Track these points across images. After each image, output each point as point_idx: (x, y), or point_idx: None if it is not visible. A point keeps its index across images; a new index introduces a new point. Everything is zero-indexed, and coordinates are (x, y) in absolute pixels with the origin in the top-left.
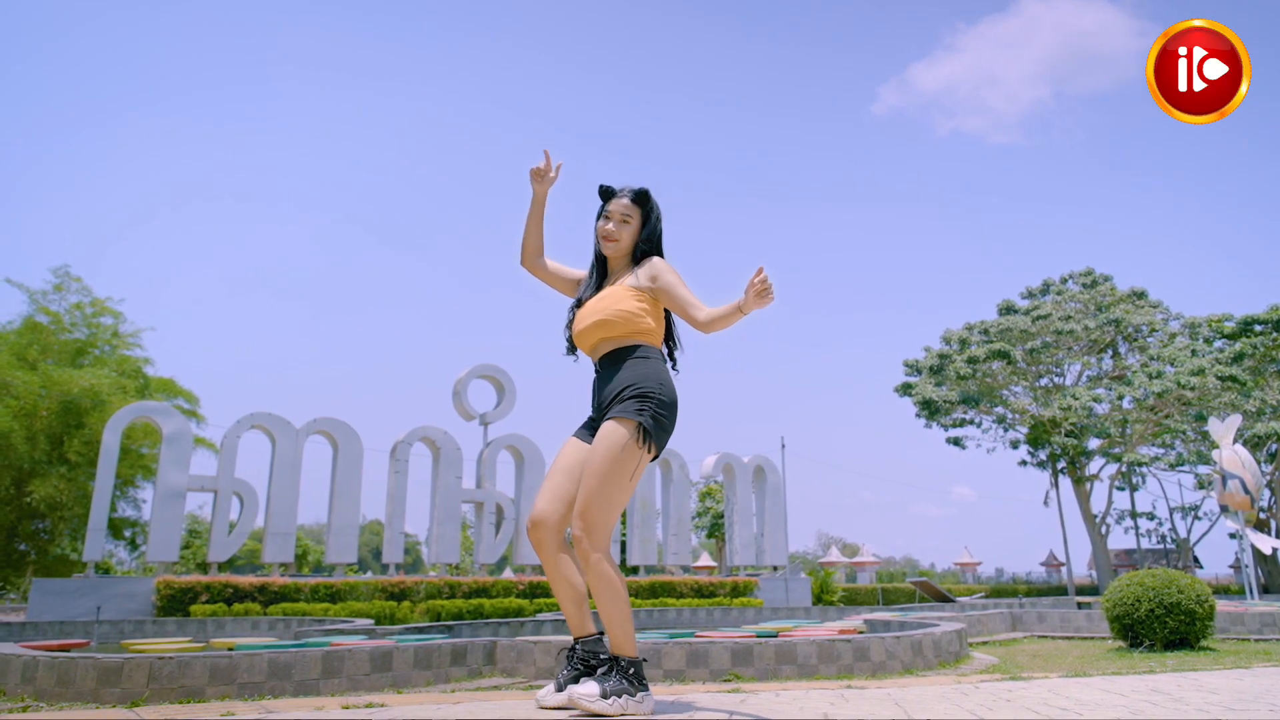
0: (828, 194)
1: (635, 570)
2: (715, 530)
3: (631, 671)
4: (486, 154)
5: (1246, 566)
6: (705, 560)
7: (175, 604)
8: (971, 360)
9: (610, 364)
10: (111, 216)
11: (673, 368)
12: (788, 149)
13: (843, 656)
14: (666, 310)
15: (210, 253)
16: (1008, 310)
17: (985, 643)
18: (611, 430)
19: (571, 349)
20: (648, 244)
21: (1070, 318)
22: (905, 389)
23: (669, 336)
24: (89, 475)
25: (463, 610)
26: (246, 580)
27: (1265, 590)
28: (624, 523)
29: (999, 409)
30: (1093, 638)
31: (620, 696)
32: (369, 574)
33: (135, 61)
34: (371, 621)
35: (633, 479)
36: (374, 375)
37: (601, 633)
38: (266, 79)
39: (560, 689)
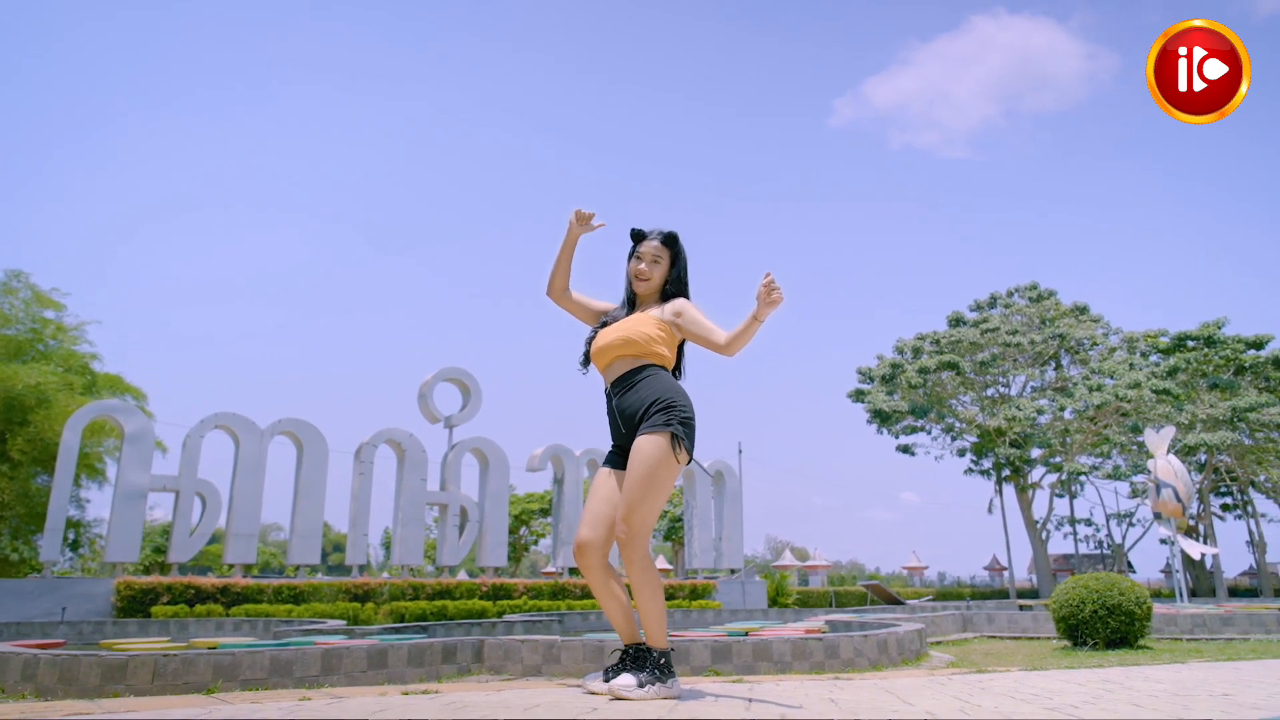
0: (784, 201)
1: None
2: (671, 534)
3: (662, 661)
4: (454, 154)
5: (1177, 571)
6: (661, 563)
7: (136, 605)
8: (923, 370)
9: (623, 385)
10: (68, 216)
11: None
12: (744, 159)
13: (815, 654)
14: (680, 345)
15: (170, 254)
16: (957, 322)
17: (939, 643)
18: (647, 443)
19: (586, 363)
20: (676, 284)
21: (1017, 331)
22: (858, 395)
23: (676, 367)
24: (31, 474)
25: (426, 612)
26: (209, 581)
27: (1193, 594)
28: None
29: (948, 418)
30: (1038, 638)
31: (653, 684)
32: (319, 575)
33: (109, 67)
34: (344, 622)
35: (670, 484)
36: (340, 378)
37: (660, 647)
38: (233, 84)
39: (607, 679)
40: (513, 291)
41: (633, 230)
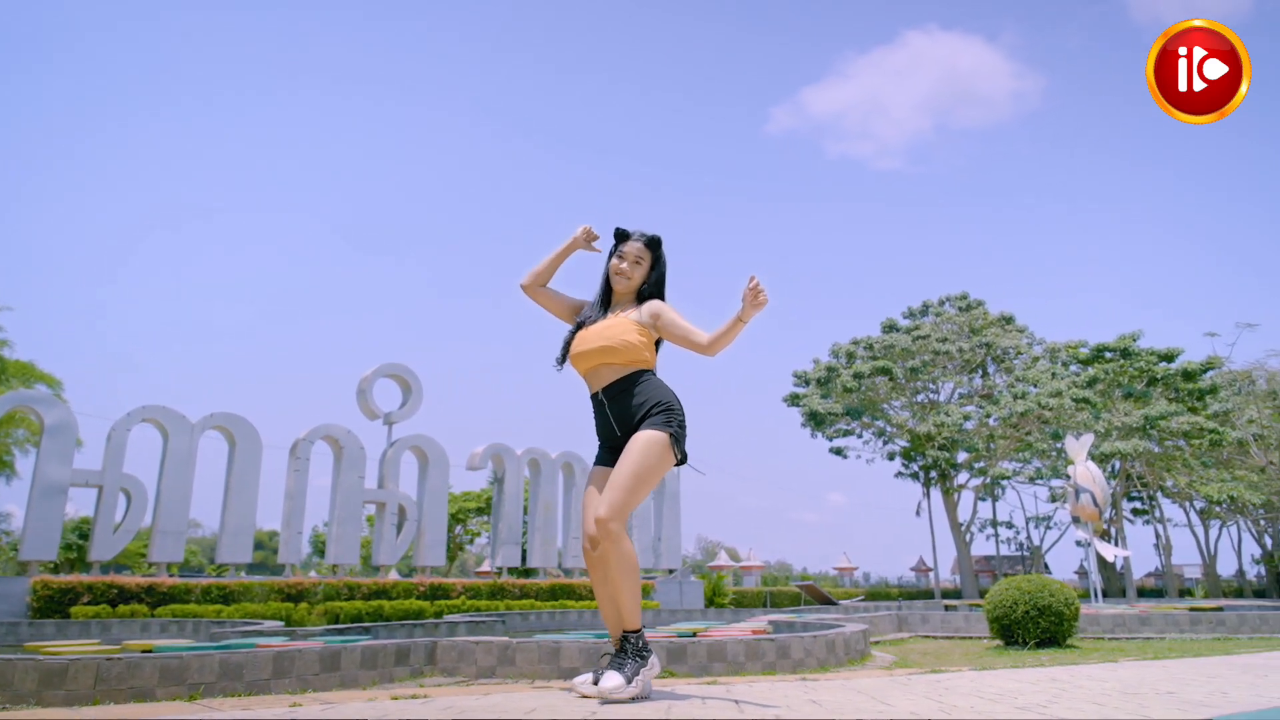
0: (722, 205)
1: (535, 573)
2: None
3: (640, 644)
4: (392, 151)
5: (1091, 573)
6: None
7: (53, 605)
8: (857, 375)
9: (619, 390)
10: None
11: None
12: (682, 162)
13: (767, 654)
14: (656, 345)
15: (100, 245)
16: (890, 328)
17: (878, 642)
18: (647, 438)
19: (562, 361)
20: (655, 286)
21: (947, 339)
22: (794, 399)
23: None
24: None
25: (362, 612)
26: (133, 580)
27: (1104, 594)
28: (525, 525)
29: (879, 423)
30: (970, 637)
31: (637, 673)
32: (244, 574)
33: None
34: (281, 623)
35: (657, 480)
36: (277, 373)
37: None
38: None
39: (596, 680)
40: (456, 290)
41: (617, 229)
